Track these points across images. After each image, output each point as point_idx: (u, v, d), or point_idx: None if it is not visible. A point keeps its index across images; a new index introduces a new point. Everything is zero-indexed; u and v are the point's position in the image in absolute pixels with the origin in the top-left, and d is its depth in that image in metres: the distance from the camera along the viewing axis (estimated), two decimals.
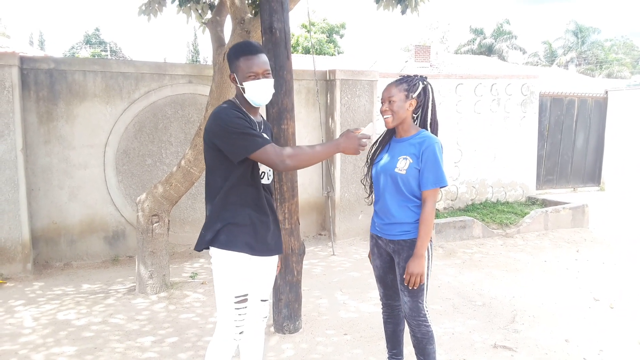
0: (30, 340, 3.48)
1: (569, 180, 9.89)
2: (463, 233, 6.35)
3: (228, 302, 2.24)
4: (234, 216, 2.24)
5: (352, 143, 2.22)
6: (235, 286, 2.24)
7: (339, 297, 4.40)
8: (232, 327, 2.26)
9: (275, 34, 3.35)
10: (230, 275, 2.23)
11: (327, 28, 31.69)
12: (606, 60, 36.22)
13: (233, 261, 2.23)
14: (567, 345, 3.46)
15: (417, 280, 2.45)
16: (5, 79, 4.75)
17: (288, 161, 2.16)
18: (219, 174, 2.26)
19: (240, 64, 2.27)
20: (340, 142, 2.24)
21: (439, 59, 21.98)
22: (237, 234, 2.23)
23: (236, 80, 2.29)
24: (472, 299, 4.36)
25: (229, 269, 2.23)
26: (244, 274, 2.25)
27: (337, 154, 6.24)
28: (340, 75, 6.26)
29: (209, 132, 2.23)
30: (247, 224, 2.25)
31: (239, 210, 2.24)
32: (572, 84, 15.63)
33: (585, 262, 5.55)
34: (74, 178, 5.31)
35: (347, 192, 6.44)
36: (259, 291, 2.41)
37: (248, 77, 2.25)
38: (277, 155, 2.15)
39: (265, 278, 2.42)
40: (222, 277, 2.25)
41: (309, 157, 2.22)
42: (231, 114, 2.20)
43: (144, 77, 5.51)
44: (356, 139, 2.21)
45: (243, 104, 2.33)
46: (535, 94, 8.32)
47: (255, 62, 2.26)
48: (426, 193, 2.48)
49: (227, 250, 2.22)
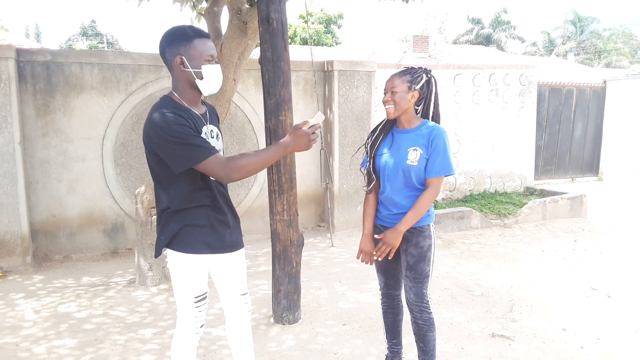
0: (31, 333, 3.49)
1: (567, 170, 9.90)
2: (461, 224, 6.37)
3: (188, 302, 2.20)
4: (192, 218, 2.14)
5: (301, 141, 2.11)
6: (195, 287, 2.19)
7: (338, 288, 4.42)
8: (193, 322, 2.24)
9: (273, 24, 3.33)
10: (189, 276, 2.17)
11: (324, 18, 31.55)
12: (605, 50, 36.14)
13: (192, 263, 2.16)
14: (564, 334, 3.48)
15: (386, 252, 2.51)
16: (2, 72, 4.73)
17: (234, 174, 2.04)
18: (167, 179, 2.14)
19: (195, 46, 2.07)
20: (288, 142, 2.11)
21: (437, 49, 21.93)
22: (196, 234, 2.15)
23: (185, 65, 2.07)
24: (471, 289, 4.39)
25: (187, 270, 2.17)
26: (203, 274, 2.21)
27: (335, 148, 6.27)
28: (338, 66, 6.24)
29: (148, 138, 2.06)
30: (206, 224, 2.17)
31: (196, 211, 2.15)
32: (571, 74, 15.61)
33: (583, 252, 5.57)
34: (72, 171, 5.30)
35: (345, 183, 6.45)
36: (234, 287, 2.36)
37: (205, 61, 2.08)
38: (221, 167, 2.03)
39: (236, 273, 2.35)
40: (181, 279, 2.18)
41: (255, 167, 2.08)
42: (171, 120, 1.99)
43: (141, 69, 5.49)
44: (305, 135, 2.10)
45: (184, 95, 2.14)
46: (534, 84, 8.31)
47: (210, 45, 2.11)
48: (430, 180, 2.49)
49: (185, 253, 2.14)
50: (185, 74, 2.09)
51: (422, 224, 2.56)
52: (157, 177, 2.19)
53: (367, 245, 2.66)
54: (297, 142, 2.11)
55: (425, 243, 2.57)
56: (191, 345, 2.28)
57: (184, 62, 2.07)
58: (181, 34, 2.09)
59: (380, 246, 2.53)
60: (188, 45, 2.07)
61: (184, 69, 2.08)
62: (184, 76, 2.11)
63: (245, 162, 2.06)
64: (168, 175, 2.12)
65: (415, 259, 2.56)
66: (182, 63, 2.08)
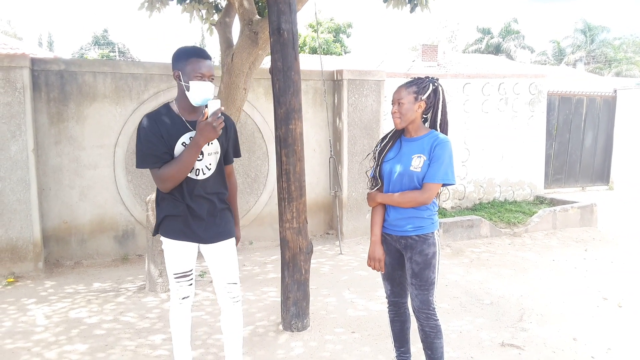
0: (42, 338, 3.53)
1: (578, 179, 9.84)
2: (471, 232, 6.35)
3: (170, 276, 2.67)
4: (170, 209, 2.56)
5: (206, 131, 2.35)
6: (174, 265, 2.63)
7: (347, 295, 4.42)
8: (176, 293, 2.67)
9: (283, 35, 3.38)
10: (170, 256, 2.62)
11: (333, 28, 31.69)
12: (615, 59, 35.91)
13: (171, 246, 2.60)
14: (575, 344, 3.46)
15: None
16: (17, 81, 4.82)
17: (162, 185, 2.46)
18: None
19: (189, 64, 2.43)
20: (196, 138, 2.38)
21: (447, 58, 21.93)
22: (174, 223, 2.57)
23: (180, 78, 2.45)
24: (480, 297, 4.37)
25: (169, 251, 2.62)
26: (180, 256, 2.61)
27: (344, 156, 6.29)
28: (347, 76, 6.28)
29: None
30: (181, 215, 2.55)
31: (174, 203, 2.55)
32: (581, 83, 15.53)
33: (593, 261, 5.53)
34: (84, 178, 5.37)
35: (354, 191, 6.46)
36: (221, 275, 2.68)
37: (195, 77, 2.42)
38: (156, 178, 2.46)
39: (222, 263, 2.67)
40: (166, 257, 2.66)
41: (175, 171, 2.41)
42: (148, 131, 2.42)
43: (153, 78, 5.56)
44: (208, 125, 2.35)
45: (180, 104, 2.52)
46: (544, 93, 8.30)
47: (205, 64, 2.44)
48: (426, 184, 2.52)
49: (166, 237, 2.60)
50: (180, 86, 2.48)
51: (427, 232, 2.59)
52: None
53: (376, 252, 2.69)
54: (204, 134, 2.36)
55: (430, 250, 2.58)
56: (178, 313, 2.71)
57: (179, 76, 2.46)
58: (182, 52, 2.48)
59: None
60: (184, 63, 2.44)
61: (179, 81, 2.47)
62: (180, 88, 2.49)
63: (166, 171, 2.42)
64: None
65: (420, 266, 2.57)
66: (178, 77, 2.47)
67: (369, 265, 2.73)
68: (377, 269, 2.71)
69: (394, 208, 2.65)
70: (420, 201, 2.52)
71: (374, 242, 2.71)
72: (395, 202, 2.58)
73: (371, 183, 2.77)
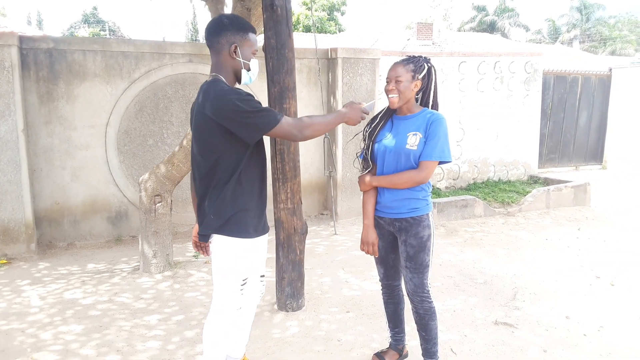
0: (37, 319, 3.52)
1: (572, 158, 9.87)
2: (465, 212, 6.37)
3: (234, 286, 2.24)
4: (245, 202, 2.19)
5: (355, 113, 2.32)
6: (243, 270, 2.25)
7: (342, 275, 4.44)
8: (235, 305, 2.29)
9: (277, 11, 3.30)
10: (239, 261, 2.21)
11: (327, 5, 31.31)
12: (610, 38, 35.78)
13: (242, 247, 2.20)
14: (567, 322, 3.49)
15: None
16: (5, 59, 4.72)
17: (306, 131, 2.17)
18: (229, 158, 2.14)
19: (249, 38, 2.20)
20: (345, 112, 2.31)
21: (442, 36, 21.73)
22: (247, 219, 2.20)
23: (237, 54, 2.17)
24: (474, 276, 4.40)
25: (238, 255, 2.21)
26: (250, 258, 2.26)
27: (339, 136, 6.25)
28: (342, 54, 6.20)
29: (218, 114, 2.05)
30: (254, 208, 2.24)
31: (250, 195, 2.21)
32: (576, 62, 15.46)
33: (586, 240, 5.57)
34: (75, 159, 5.31)
35: (349, 172, 6.44)
36: (257, 268, 2.44)
37: (253, 54, 2.23)
38: (295, 127, 2.14)
39: (263, 255, 2.43)
40: (229, 263, 2.21)
41: (322, 126, 2.23)
42: (238, 93, 2.04)
43: (144, 57, 5.46)
44: (359, 110, 2.33)
45: (227, 80, 2.19)
46: (539, 72, 8.25)
47: (257, 40, 2.26)
48: (423, 162, 2.45)
49: (238, 237, 2.18)
50: (235, 62, 2.19)
51: (421, 213, 2.53)
52: (219, 156, 2.14)
53: (369, 236, 2.65)
54: (352, 114, 2.32)
55: (425, 233, 2.53)
56: (233, 326, 2.35)
57: (237, 50, 2.16)
58: (240, 23, 2.19)
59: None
60: (244, 37, 2.18)
61: (235, 57, 2.17)
62: (231, 63, 2.19)
63: (314, 121, 2.20)
64: (236, 151, 2.13)
65: (415, 249, 2.53)
66: (235, 51, 2.16)
67: (362, 249, 2.68)
68: (370, 253, 2.66)
69: (388, 189, 2.58)
70: (417, 180, 2.45)
71: (366, 226, 2.65)
72: (391, 183, 2.51)
73: (362, 165, 2.70)
